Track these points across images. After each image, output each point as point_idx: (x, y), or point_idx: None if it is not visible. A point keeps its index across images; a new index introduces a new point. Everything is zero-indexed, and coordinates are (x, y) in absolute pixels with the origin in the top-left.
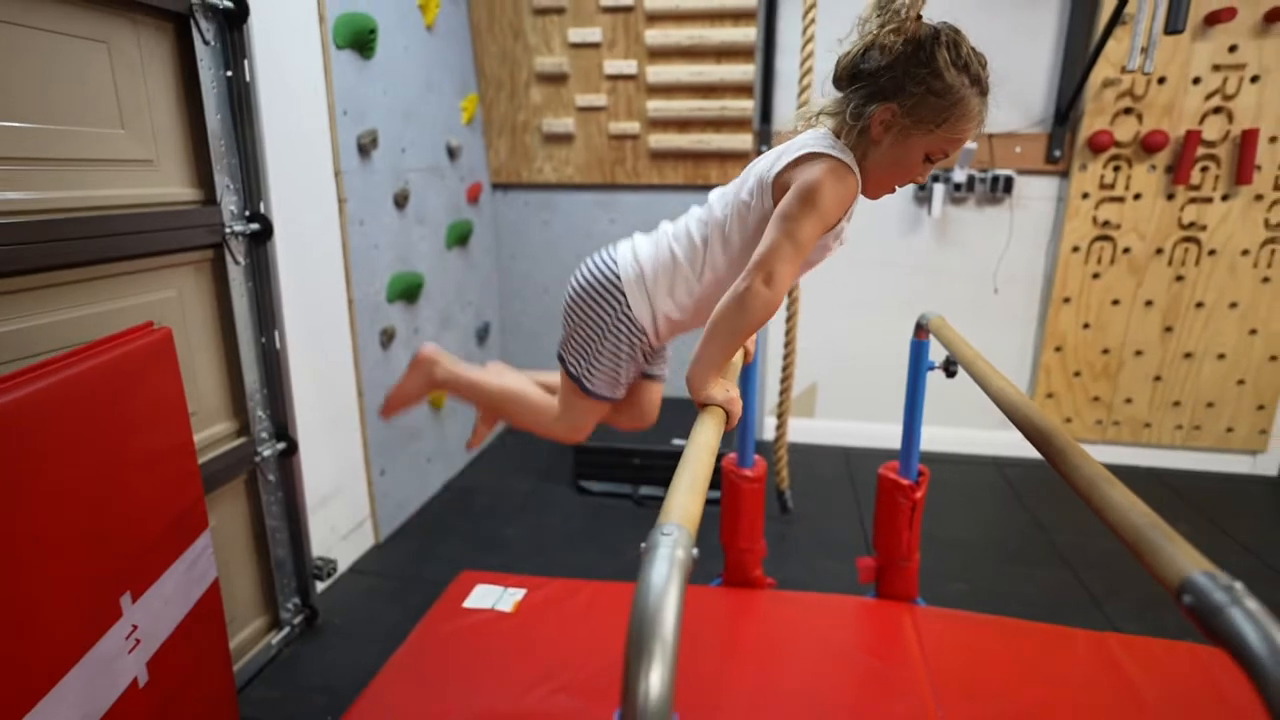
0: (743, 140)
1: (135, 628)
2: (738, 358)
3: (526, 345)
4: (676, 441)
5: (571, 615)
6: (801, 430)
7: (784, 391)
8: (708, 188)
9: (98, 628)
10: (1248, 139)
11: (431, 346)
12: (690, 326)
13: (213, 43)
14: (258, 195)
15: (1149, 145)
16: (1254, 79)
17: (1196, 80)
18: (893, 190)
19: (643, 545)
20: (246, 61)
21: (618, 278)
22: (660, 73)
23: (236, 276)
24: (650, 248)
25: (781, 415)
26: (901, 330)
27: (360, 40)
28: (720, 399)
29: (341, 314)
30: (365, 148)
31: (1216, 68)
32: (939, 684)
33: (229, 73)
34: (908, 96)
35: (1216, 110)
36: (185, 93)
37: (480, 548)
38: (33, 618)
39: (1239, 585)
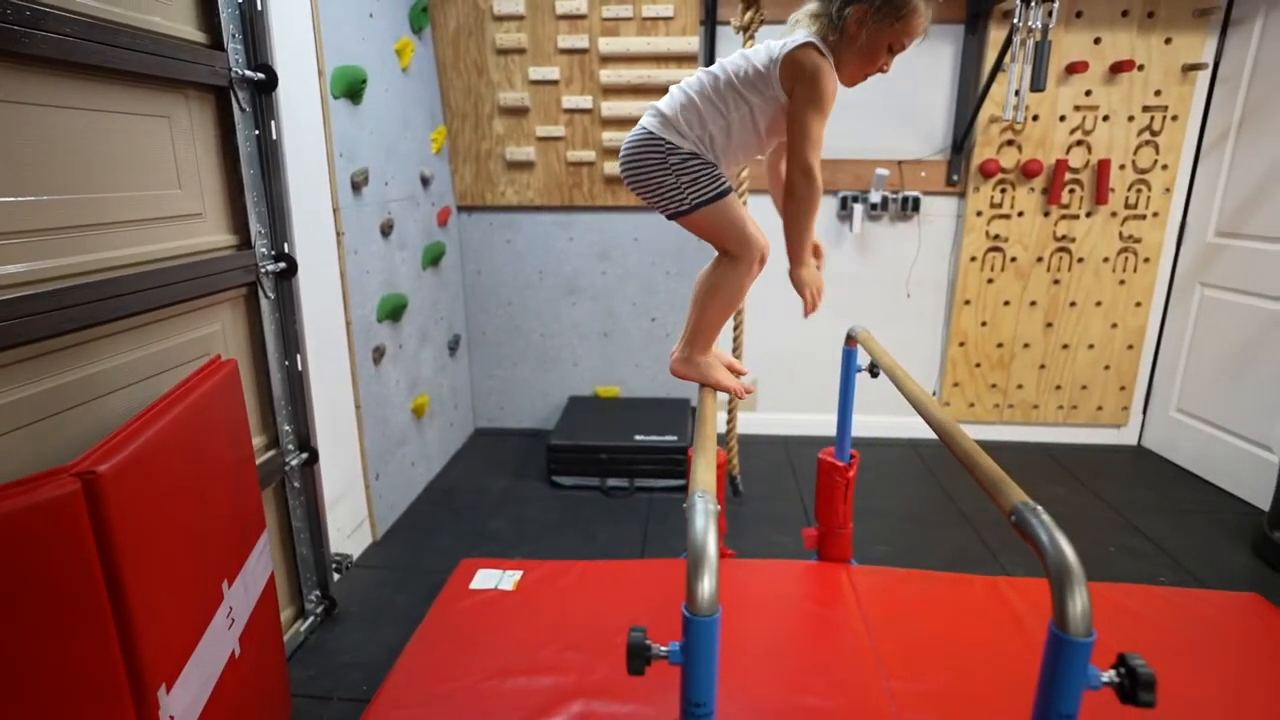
0: None
1: (231, 609)
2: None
3: (491, 353)
4: (638, 438)
5: (567, 590)
6: (747, 423)
7: None
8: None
9: (211, 609)
10: (1103, 167)
11: (672, 362)
12: (723, 161)
13: (247, 109)
14: (283, 237)
15: (1027, 171)
16: (1105, 118)
17: (1062, 118)
18: (864, 78)
19: (684, 505)
20: (273, 122)
21: (648, 131)
22: (613, 107)
23: (267, 309)
24: (668, 99)
25: (731, 410)
26: (829, 333)
27: (353, 89)
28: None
29: (341, 335)
30: (358, 185)
31: (1077, 108)
32: (871, 621)
33: (258, 132)
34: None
35: (1079, 143)
36: (224, 152)
37: (470, 540)
38: (173, 604)
39: (1040, 508)
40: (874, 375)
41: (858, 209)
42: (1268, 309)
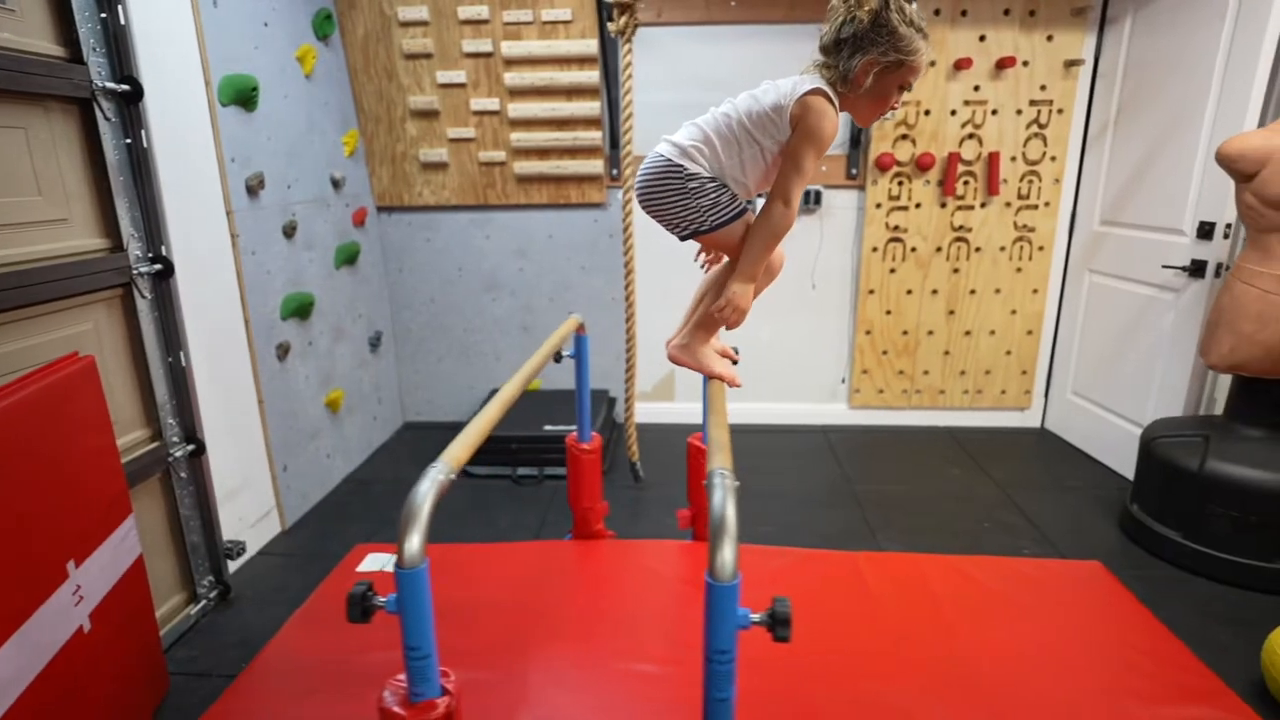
0: (595, 165)
1: (80, 587)
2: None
3: (417, 349)
4: (548, 428)
5: (448, 570)
6: (664, 412)
7: (629, 380)
8: (570, 207)
9: (50, 586)
10: (993, 159)
11: (671, 348)
12: (743, 183)
13: (113, 119)
14: (159, 240)
15: (922, 164)
16: (994, 112)
17: (953, 112)
18: (879, 118)
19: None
20: (143, 131)
21: (667, 159)
22: (519, 109)
23: (144, 309)
24: (685, 132)
25: (629, 400)
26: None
27: (243, 97)
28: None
29: (240, 333)
30: (253, 188)
31: (967, 103)
32: None
33: (129, 140)
34: (879, 49)
35: (970, 136)
36: (92, 161)
37: (375, 527)
38: None
39: (729, 475)
40: (734, 362)
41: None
42: (1140, 293)
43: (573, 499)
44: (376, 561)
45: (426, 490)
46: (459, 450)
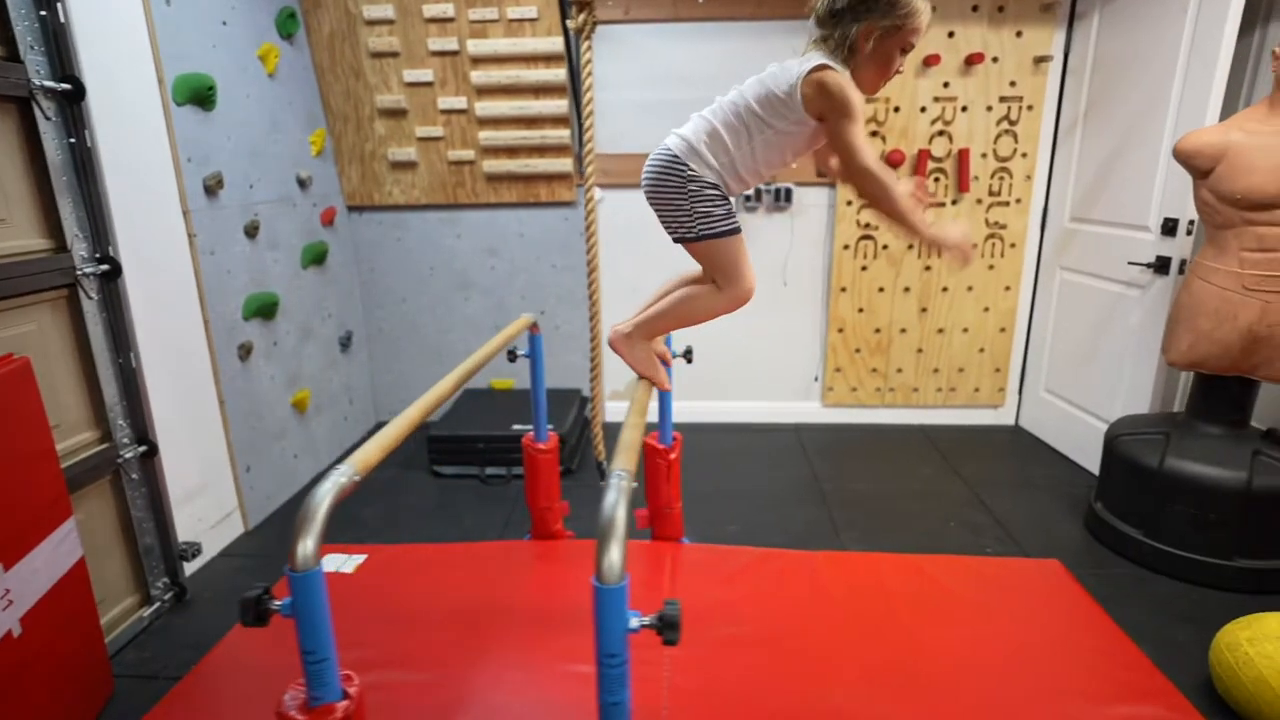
0: (564, 164)
1: (9, 590)
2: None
3: (389, 348)
4: (516, 427)
5: (404, 571)
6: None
7: (594, 379)
8: (540, 205)
9: None
10: (963, 156)
11: (614, 332)
12: (749, 180)
13: (54, 118)
14: (106, 240)
15: (891, 161)
16: (964, 109)
17: (923, 109)
18: (884, 84)
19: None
20: (86, 131)
21: (673, 154)
22: (487, 107)
23: (90, 309)
24: (691, 125)
25: (594, 398)
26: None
27: (200, 96)
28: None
29: (199, 333)
30: (211, 188)
31: (936, 99)
32: (675, 594)
33: (72, 140)
34: (876, 15)
35: (940, 133)
36: (33, 160)
37: (341, 528)
38: None
39: (626, 476)
40: (689, 361)
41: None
42: (1108, 290)
43: (530, 499)
44: (332, 562)
45: (325, 492)
46: (369, 453)
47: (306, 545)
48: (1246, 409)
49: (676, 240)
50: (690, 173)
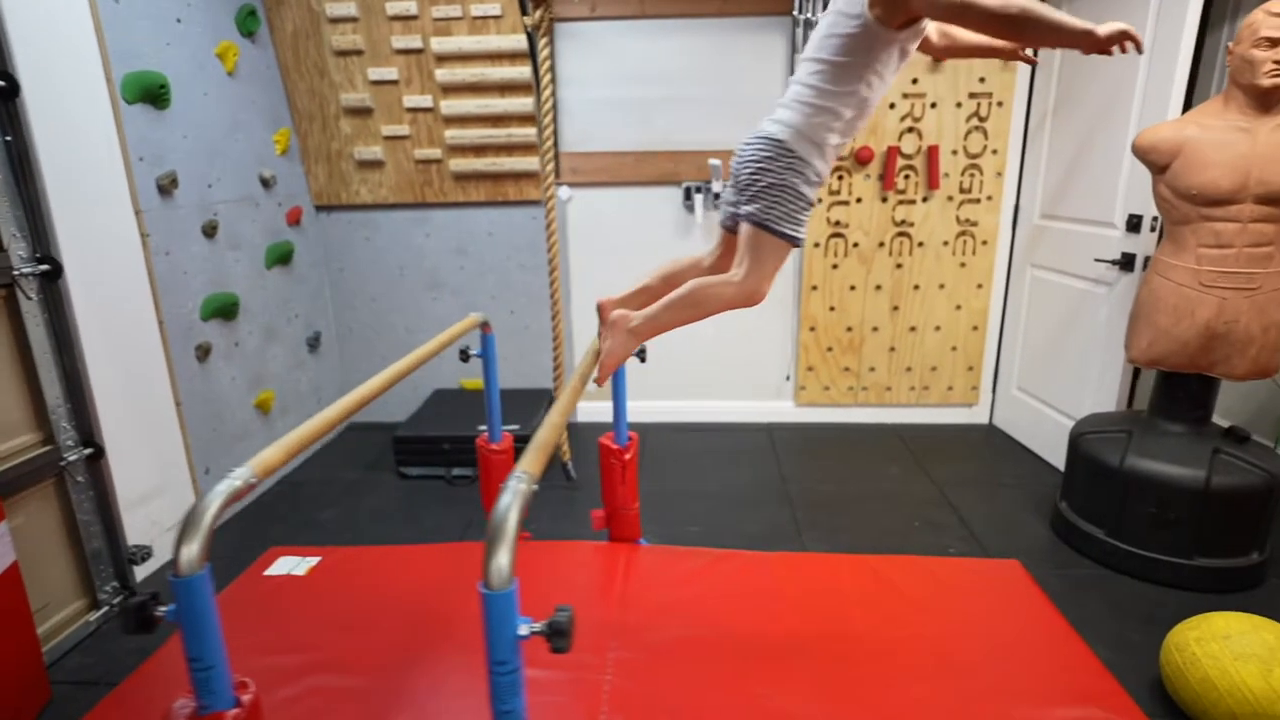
0: (531, 162)
1: None
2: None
3: (360, 349)
4: (481, 427)
5: (356, 574)
6: (604, 411)
7: (557, 379)
8: (509, 204)
9: None
10: (933, 153)
11: (617, 311)
12: (869, 113)
13: None
14: (46, 240)
15: (861, 158)
16: (933, 105)
17: (892, 105)
18: None
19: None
20: (22, 128)
21: (779, 141)
22: (453, 106)
23: (31, 310)
24: (788, 113)
25: (557, 398)
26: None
27: (151, 94)
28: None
29: (153, 333)
30: (166, 188)
31: (905, 95)
32: (625, 597)
33: (8, 138)
34: None
35: (910, 130)
36: None
37: (300, 530)
38: None
39: (525, 478)
40: (642, 360)
41: (698, 199)
42: (1076, 287)
43: (486, 501)
44: (287, 564)
45: (215, 496)
46: (270, 454)
47: (191, 549)
48: (1207, 406)
49: (745, 219)
50: (800, 162)
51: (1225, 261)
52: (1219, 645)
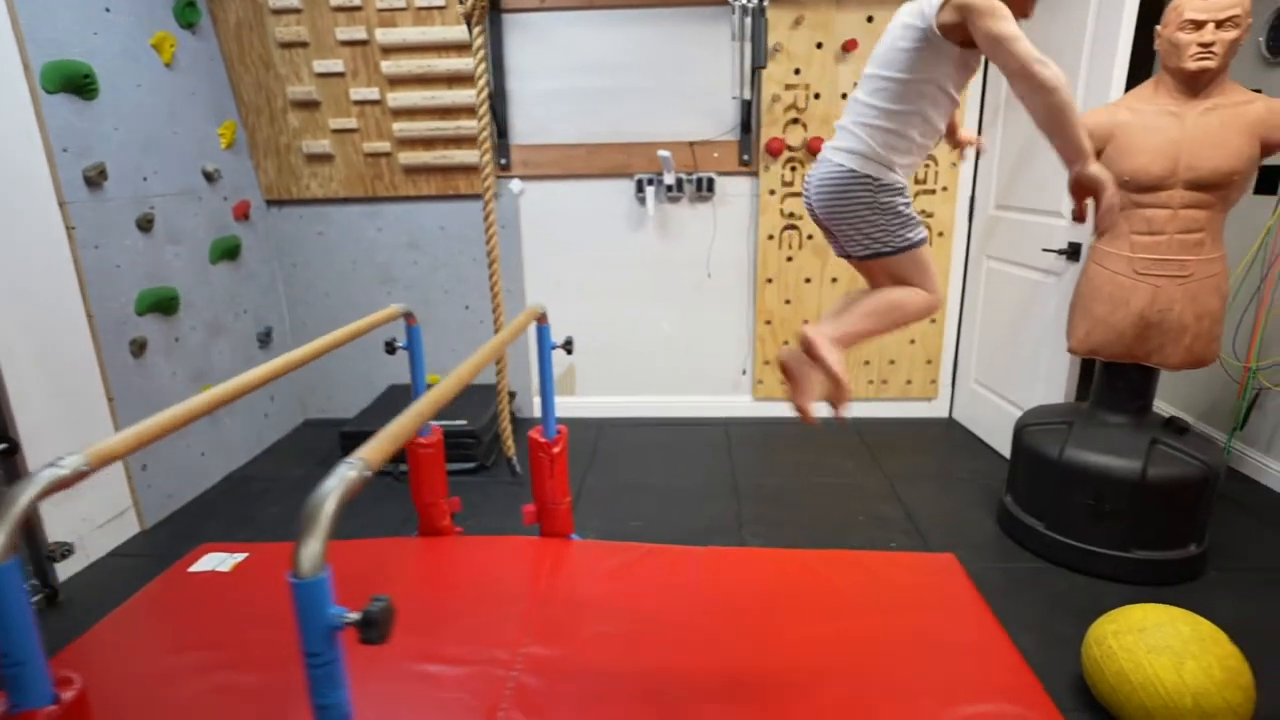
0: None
1: None
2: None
3: None
4: (431, 424)
5: (280, 570)
6: (565, 407)
7: (499, 374)
8: (460, 197)
9: None
10: None
11: (817, 335)
12: (934, 133)
13: None
14: None
15: (813, 149)
16: None
17: (844, 95)
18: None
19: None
20: None
21: (852, 170)
22: (400, 98)
23: None
24: (853, 138)
25: (500, 394)
26: (637, 315)
27: (75, 84)
28: (1100, 175)
29: (81, 328)
30: (94, 180)
31: (855, 84)
32: (546, 592)
33: None
34: None
35: None
36: None
37: (238, 526)
38: None
39: (358, 462)
40: (569, 351)
41: (650, 191)
42: (1028, 278)
43: (415, 494)
44: (211, 561)
45: (32, 484)
46: (110, 444)
47: None
48: (1147, 396)
49: (866, 257)
50: (878, 183)
51: (1158, 249)
52: (1134, 638)
